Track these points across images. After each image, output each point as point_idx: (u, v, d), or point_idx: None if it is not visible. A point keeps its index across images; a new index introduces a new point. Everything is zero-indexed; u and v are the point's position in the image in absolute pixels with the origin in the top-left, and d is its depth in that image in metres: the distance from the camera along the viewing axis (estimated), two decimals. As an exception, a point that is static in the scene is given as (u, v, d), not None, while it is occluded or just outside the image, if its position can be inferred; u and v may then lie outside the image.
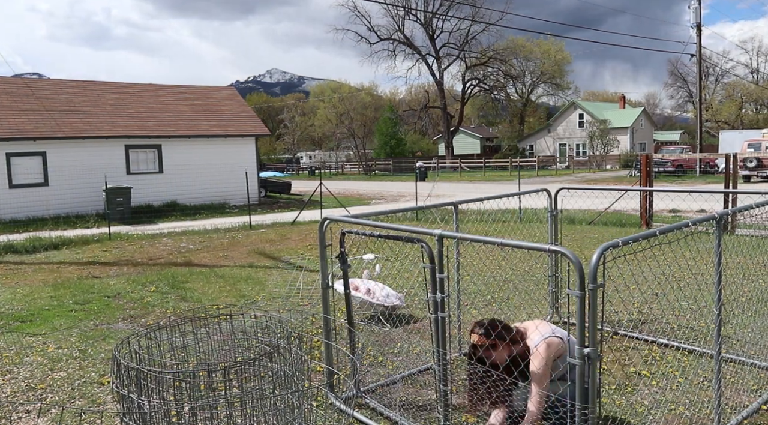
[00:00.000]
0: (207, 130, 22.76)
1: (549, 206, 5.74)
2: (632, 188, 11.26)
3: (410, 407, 4.00)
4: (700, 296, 5.93)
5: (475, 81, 61.46)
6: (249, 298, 7.38)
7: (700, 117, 34.36)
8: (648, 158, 12.79)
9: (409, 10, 55.86)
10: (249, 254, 10.95)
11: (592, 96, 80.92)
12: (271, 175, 42.32)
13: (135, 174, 20.79)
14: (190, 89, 25.54)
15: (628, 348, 5.03)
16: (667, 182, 27.10)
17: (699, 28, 32.15)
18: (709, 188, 17.12)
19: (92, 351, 5.51)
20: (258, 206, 21.50)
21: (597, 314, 2.63)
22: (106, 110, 21.65)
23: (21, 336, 6.03)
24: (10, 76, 22.95)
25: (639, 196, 12.46)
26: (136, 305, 7.25)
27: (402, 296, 6.02)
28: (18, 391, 4.59)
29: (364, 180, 43.84)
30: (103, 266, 10.18)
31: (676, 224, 3.13)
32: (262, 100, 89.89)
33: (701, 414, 3.79)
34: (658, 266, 4.76)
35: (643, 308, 6.12)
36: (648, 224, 12.11)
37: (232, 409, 2.72)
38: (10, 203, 18.37)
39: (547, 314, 5.98)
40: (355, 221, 4.23)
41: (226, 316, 3.91)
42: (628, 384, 4.30)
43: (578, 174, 39.91)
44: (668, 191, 4.79)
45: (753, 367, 4.50)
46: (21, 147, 18.87)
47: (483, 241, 3.11)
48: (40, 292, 8.06)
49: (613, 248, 2.72)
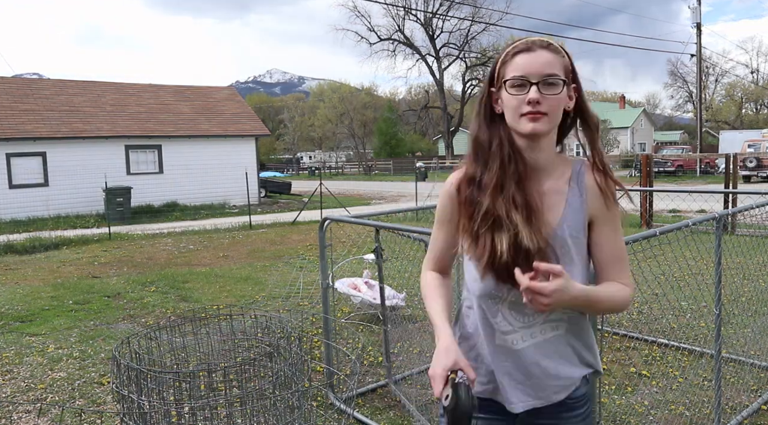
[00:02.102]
0: (207, 130, 22.76)
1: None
2: (632, 188, 11.26)
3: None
4: (700, 297, 5.93)
5: (475, 81, 61.42)
6: (249, 298, 7.37)
7: (700, 117, 34.36)
8: (648, 158, 12.78)
9: (409, 10, 55.84)
10: (249, 254, 10.95)
11: (592, 96, 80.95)
12: (271, 175, 42.30)
13: (135, 174, 20.79)
14: (190, 89, 25.54)
15: (628, 348, 5.03)
16: (667, 182, 27.10)
17: (699, 27, 32.14)
18: (709, 188, 17.15)
19: (92, 351, 5.51)
20: (258, 206, 21.49)
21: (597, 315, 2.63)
22: (106, 110, 21.65)
23: (21, 336, 6.03)
24: (10, 76, 22.95)
25: (639, 196, 12.46)
26: (136, 305, 7.25)
27: (403, 296, 6.02)
28: (18, 391, 4.59)
29: (364, 180, 43.84)
30: (103, 266, 10.18)
31: (676, 224, 3.13)
32: (262, 100, 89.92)
33: (701, 414, 3.79)
34: (658, 266, 4.77)
35: (643, 308, 6.12)
36: (648, 224, 12.11)
37: (232, 409, 2.72)
38: (10, 203, 18.36)
39: (547, 314, 5.98)
40: (356, 221, 4.23)
41: (226, 316, 3.91)
42: (628, 384, 4.30)
43: (578, 174, 39.83)
44: (668, 191, 4.80)
45: (753, 367, 4.50)
46: (21, 147, 18.87)
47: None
48: (40, 292, 8.06)
49: (613, 248, 2.71)
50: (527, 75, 1.50)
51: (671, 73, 64.04)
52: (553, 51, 1.53)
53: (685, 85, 63.76)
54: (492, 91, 1.60)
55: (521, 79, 1.50)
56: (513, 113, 1.53)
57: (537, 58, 1.51)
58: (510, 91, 1.52)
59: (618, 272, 1.60)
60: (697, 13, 32.04)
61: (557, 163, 1.61)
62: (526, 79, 1.50)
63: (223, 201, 22.06)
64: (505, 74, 1.54)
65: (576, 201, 1.58)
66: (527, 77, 1.50)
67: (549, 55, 1.52)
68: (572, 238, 1.55)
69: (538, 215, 1.53)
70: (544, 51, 1.53)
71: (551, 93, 1.50)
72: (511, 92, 1.52)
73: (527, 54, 1.52)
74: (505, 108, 1.56)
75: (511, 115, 1.54)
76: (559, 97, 1.52)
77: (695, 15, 32.12)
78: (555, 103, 1.52)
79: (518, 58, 1.53)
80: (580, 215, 1.57)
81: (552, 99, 1.50)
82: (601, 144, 1.62)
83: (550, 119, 1.52)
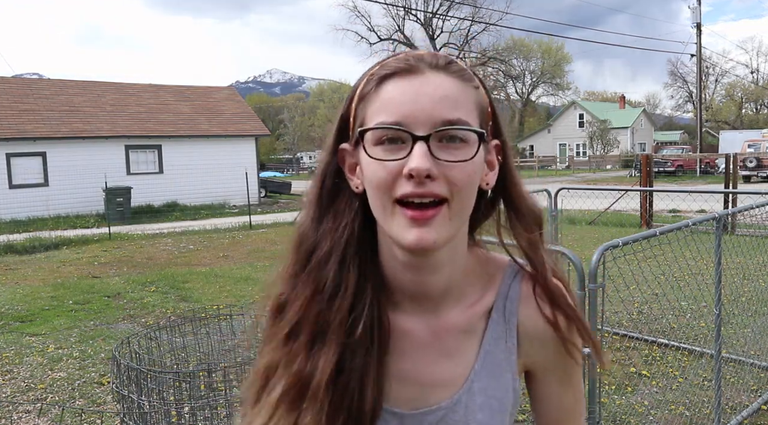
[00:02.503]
0: (207, 130, 22.76)
1: (549, 206, 5.73)
2: (632, 188, 11.27)
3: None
4: (700, 297, 5.92)
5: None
6: (249, 298, 7.37)
7: (700, 117, 34.37)
8: (648, 158, 12.78)
9: (409, 10, 55.86)
10: (249, 254, 10.95)
11: (592, 96, 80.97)
12: (272, 175, 42.31)
13: (135, 174, 20.79)
14: (190, 89, 25.54)
15: (628, 348, 5.03)
16: (667, 182, 27.11)
17: (699, 27, 32.15)
18: (709, 188, 17.13)
19: (92, 351, 5.51)
20: (258, 206, 21.49)
21: (597, 314, 2.63)
22: (106, 110, 21.65)
23: (21, 336, 6.03)
24: (10, 76, 22.96)
25: (639, 196, 12.46)
26: (135, 305, 7.25)
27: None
28: (18, 391, 4.59)
29: (364, 180, 43.77)
30: (103, 266, 10.17)
31: (676, 224, 3.13)
32: (262, 100, 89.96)
33: (701, 414, 3.79)
34: (658, 266, 4.76)
35: (643, 309, 6.12)
36: (648, 224, 12.11)
37: (232, 409, 2.72)
38: (10, 203, 18.36)
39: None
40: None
41: (226, 316, 3.91)
42: (629, 384, 4.30)
43: (578, 174, 39.93)
44: (668, 191, 4.80)
45: (753, 367, 4.50)
46: (21, 147, 18.88)
47: (483, 241, 3.11)
48: (40, 292, 8.06)
49: (613, 248, 2.72)
50: (406, 121, 0.78)
51: (671, 73, 64.06)
52: (456, 75, 0.82)
53: (685, 85, 63.76)
54: (344, 149, 0.86)
55: (395, 130, 0.78)
56: (380, 199, 0.80)
57: (425, 88, 0.79)
58: (372, 152, 0.80)
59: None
60: (697, 12, 32.04)
61: (470, 277, 0.91)
62: (403, 129, 0.78)
63: (223, 201, 22.06)
64: (365, 119, 0.82)
65: (498, 348, 0.91)
66: (406, 126, 0.78)
67: (449, 82, 0.81)
68: (487, 410, 0.89)
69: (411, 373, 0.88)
70: (440, 75, 0.81)
71: (454, 158, 0.78)
72: (374, 155, 0.79)
73: (407, 80, 0.80)
74: (366, 185, 0.82)
75: (377, 201, 0.81)
76: (468, 165, 0.79)
77: (695, 15, 32.13)
78: (463, 179, 0.79)
79: (390, 86, 0.81)
80: (505, 373, 0.91)
81: (456, 170, 0.78)
82: (546, 253, 0.91)
83: (453, 214, 0.80)
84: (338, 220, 0.86)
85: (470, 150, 0.79)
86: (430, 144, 0.77)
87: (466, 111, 0.80)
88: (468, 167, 0.79)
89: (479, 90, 0.84)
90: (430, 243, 0.78)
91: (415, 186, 0.77)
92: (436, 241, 0.78)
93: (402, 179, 0.77)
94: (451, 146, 0.78)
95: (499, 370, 0.91)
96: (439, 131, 0.78)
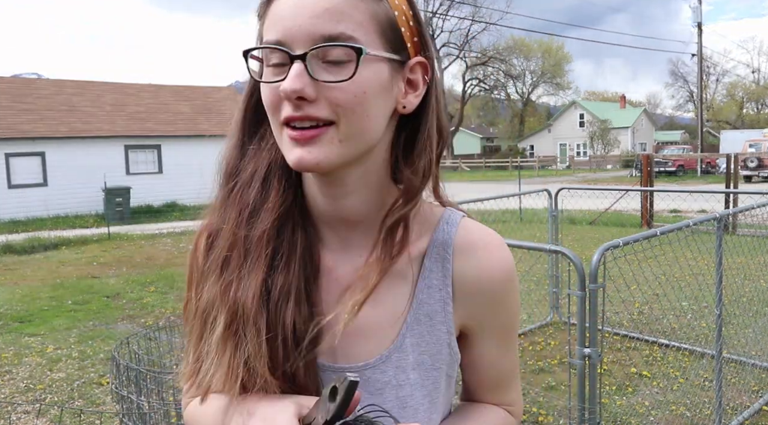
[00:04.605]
0: (207, 130, 22.74)
1: (549, 206, 5.73)
2: (633, 188, 11.25)
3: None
4: (701, 297, 5.91)
5: (475, 81, 61.50)
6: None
7: (701, 117, 34.38)
8: (649, 157, 12.78)
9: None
10: (249, 254, 10.94)
11: (593, 96, 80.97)
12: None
13: (134, 174, 20.77)
14: (189, 89, 25.53)
15: (628, 349, 5.02)
16: (668, 182, 27.10)
17: (700, 27, 32.15)
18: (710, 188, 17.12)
19: (91, 351, 5.49)
20: (258, 206, 21.48)
21: (597, 315, 2.62)
22: (105, 110, 21.64)
23: (20, 337, 6.02)
24: (9, 76, 22.96)
25: (640, 196, 12.45)
26: (135, 305, 7.24)
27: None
28: (17, 392, 4.58)
29: (364, 180, 43.76)
30: (102, 266, 10.16)
31: (676, 224, 3.12)
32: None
33: (702, 414, 3.78)
34: (658, 267, 4.76)
35: (643, 309, 6.10)
36: (649, 224, 12.10)
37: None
38: (9, 203, 18.35)
39: (548, 314, 5.98)
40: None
41: (226, 316, 3.89)
42: (629, 384, 4.29)
43: (579, 174, 39.92)
44: (669, 191, 4.79)
45: (754, 368, 4.49)
46: (20, 147, 18.86)
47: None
48: (39, 292, 8.05)
49: (613, 248, 2.71)
50: (285, 39, 0.73)
51: (672, 73, 64.18)
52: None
53: (686, 85, 63.82)
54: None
55: (278, 50, 0.73)
56: (272, 121, 0.78)
57: (306, 1, 0.72)
58: (265, 73, 0.77)
59: (500, 394, 0.92)
60: (697, 12, 32.06)
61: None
62: (281, 47, 0.73)
63: (223, 201, 22.04)
64: (263, 39, 0.78)
65: (433, 298, 0.83)
66: (285, 44, 0.73)
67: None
68: (420, 369, 0.82)
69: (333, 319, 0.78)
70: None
71: (334, 78, 0.72)
72: (263, 78, 0.77)
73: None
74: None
75: (272, 124, 0.79)
76: (350, 85, 0.72)
77: (696, 14, 32.14)
78: (348, 100, 0.73)
79: (277, 4, 0.75)
80: (440, 325, 0.83)
81: (337, 91, 0.72)
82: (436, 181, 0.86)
83: (345, 136, 0.74)
84: (261, 144, 0.85)
85: (351, 68, 0.72)
86: (311, 63, 0.71)
87: (354, 25, 0.72)
88: (350, 86, 0.72)
89: (382, 2, 0.75)
90: (312, 164, 0.74)
91: (293, 110, 0.73)
92: (319, 162, 0.74)
93: (285, 101, 0.73)
94: (333, 65, 0.72)
95: (432, 322, 0.83)
96: (314, 48, 0.71)
